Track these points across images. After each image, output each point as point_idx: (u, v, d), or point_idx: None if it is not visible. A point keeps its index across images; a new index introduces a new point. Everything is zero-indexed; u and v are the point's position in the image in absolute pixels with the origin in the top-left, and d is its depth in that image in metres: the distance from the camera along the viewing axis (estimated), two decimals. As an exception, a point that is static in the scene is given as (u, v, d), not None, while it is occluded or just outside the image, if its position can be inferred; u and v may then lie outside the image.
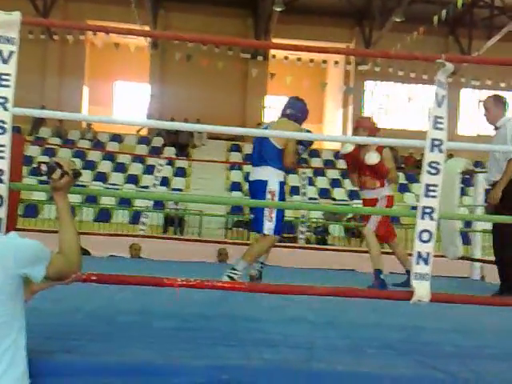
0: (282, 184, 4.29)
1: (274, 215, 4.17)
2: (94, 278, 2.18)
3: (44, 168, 1.90)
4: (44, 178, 1.97)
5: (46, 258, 1.76)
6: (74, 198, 12.31)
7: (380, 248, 4.88)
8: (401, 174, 17.53)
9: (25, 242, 1.74)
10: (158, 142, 18.51)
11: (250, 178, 4.38)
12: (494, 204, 4.28)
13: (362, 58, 19.41)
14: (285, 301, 3.25)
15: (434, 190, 2.50)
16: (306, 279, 5.03)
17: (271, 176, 4.21)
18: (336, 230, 13.59)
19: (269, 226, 4.18)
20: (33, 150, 16.00)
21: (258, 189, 4.24)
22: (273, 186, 4.19)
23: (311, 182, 14.92)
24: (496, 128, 4.43)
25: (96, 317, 2.76)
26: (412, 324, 3.02)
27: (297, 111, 4.47)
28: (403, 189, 16.76)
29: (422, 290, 2.42)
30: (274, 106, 21.63)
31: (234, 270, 4.08)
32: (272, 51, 19.90)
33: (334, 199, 14.35)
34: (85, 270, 2.91)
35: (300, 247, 8.08)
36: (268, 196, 4.16)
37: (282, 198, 4.24)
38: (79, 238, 1.91)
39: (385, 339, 2.62)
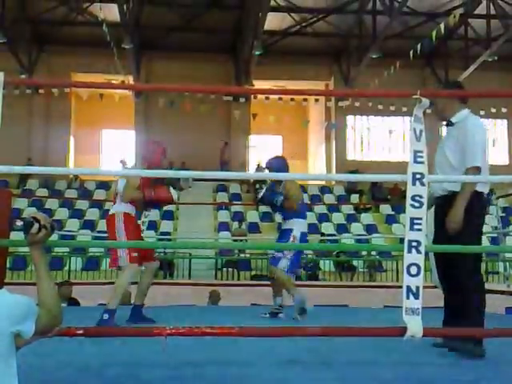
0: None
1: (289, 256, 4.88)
2: (81, 331, 2.14)
3: (19, 223, 1.92)
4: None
5: (34, 314, 1.75)
6: (62, 248, 12.21)
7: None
8: (387, 206, 17.62)
9: (16, 298, 1.73)
10: (144, 186, 18.47)
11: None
12: (454, 227, 3.11)
13: (340, 94, 19.71)
14: (276, 342, 3.20)
15: (419, 223, 2.52)
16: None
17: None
18: (327, 264, 13.55)
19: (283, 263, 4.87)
20: (21, 203, 15.97)
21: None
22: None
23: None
24: (449, 124, 3.38)
25: (85, 371, 2.69)
26: (407, 360, 2.98)
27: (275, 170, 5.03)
28: (391, 220, 16.81)
29: (414, 325, 2.40)
30: (258, 146, 21.83)
31: None
32: (253, 92, 20.13)
33: (323, 234, 14.33)
34: (75, 320, 2.86)
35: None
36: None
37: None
38: (57, 291, 1.90)
39: (381, 377, 2.58)
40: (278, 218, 16.76)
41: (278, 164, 5.07)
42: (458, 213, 3.10)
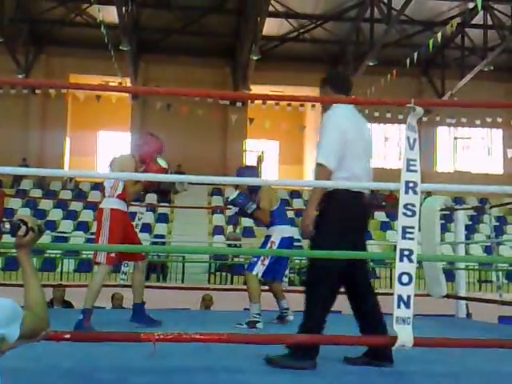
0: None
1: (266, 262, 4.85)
2: (68, 336, 2.12)
3: (7, 226, 1.91)
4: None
5: (19, 317, 1.71)
6: (55, 250, 12.15)
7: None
8: (382, 212, 17.64)
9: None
10: (139, 189, 18.46)
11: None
12: (307, 231, 2.87)
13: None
14: (267, 348, 3.18)
15: (411, 232, 2.51)
16: (292, 323, 4.95)
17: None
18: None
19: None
20: (14, 203, 15.90)
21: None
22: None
23: (293, 223, 14.89)
24: None
25: (73, 375, 2.67)
26: (397, 369, 2.96)
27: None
28: (385, 227, 16.83)
29: (404, 334, 2.39)
30: (254, 150, 21.81)
31: None
32: (250, 96, 20.14)
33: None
34: (68, 324, 2.83)
35: (283, 290, 7.96)
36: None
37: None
38: (44, 294, 1.88)
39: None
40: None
41: (251, 174, 4.93)
42: (307, 214, 2.85)
